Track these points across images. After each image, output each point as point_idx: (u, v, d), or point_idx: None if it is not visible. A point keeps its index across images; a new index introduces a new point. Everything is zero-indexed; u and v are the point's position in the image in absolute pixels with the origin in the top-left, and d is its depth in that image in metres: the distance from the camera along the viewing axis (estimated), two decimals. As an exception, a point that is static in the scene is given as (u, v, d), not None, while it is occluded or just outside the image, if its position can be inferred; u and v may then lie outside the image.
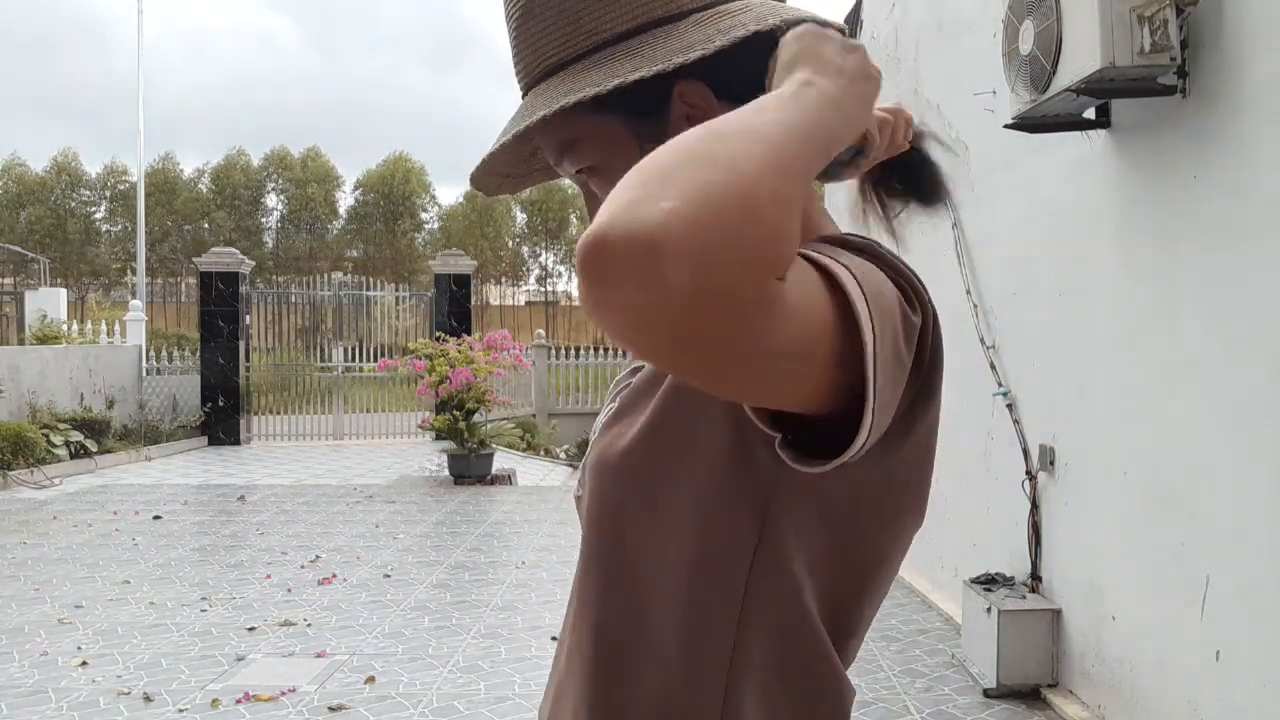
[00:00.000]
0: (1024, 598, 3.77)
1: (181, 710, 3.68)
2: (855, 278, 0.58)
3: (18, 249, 27.31)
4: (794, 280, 0.53)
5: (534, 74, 0.76)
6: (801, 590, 0.71)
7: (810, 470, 0.60)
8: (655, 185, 0.48)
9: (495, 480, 9.79)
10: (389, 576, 5.79)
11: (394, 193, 36.60)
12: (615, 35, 0.72)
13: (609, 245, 0.47)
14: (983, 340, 4.32)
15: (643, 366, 0.82)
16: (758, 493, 0.70)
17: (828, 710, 0.74)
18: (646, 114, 0.73)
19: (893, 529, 0.75)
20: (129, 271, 30.40)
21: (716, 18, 0.71)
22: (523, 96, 0.78)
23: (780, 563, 0.71)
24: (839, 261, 0.59)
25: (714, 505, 0.71)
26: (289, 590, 5.44)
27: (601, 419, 0.82)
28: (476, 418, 10.02)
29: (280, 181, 37.03)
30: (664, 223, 0.47)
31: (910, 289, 0.65)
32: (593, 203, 0.81)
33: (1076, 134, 3.37)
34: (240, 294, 13.33)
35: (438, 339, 10.70)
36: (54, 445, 9.99)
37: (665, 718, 0.72)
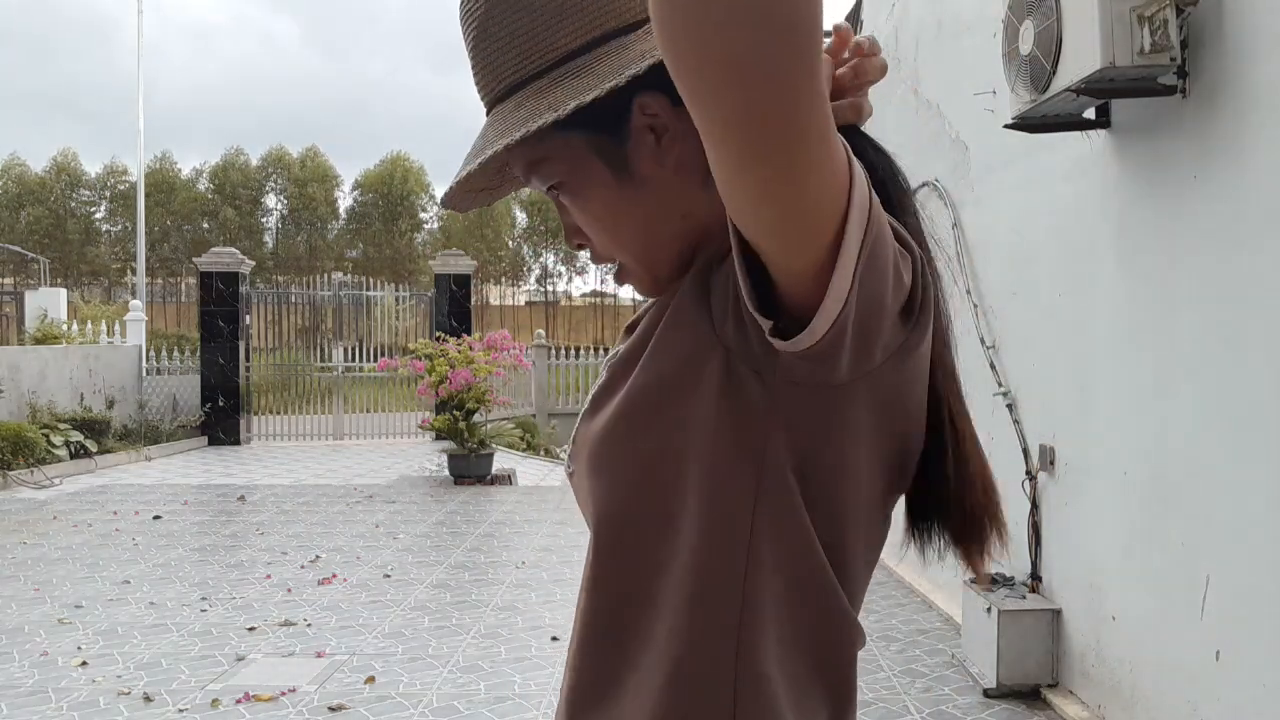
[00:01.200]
0: (1024, 598, 3.77)
1: (181, 710, 3.68)
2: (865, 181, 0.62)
3: (18, 249, 27.31)
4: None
5: (495, 93, 0.77)
6: (808, 530, 0.72)
7: (788, 347, 0.63)
8: None
9: (495, 480, 9.79)
10: (389, 576, 5.79)
11: (393, 193, 36.60)
12: (569, 52, 0.73)
13: None
14: (983, 340, 4.32)
15: (632, 332, 0.82)
16: (753, 432, 0.71)
17: (839, 655, 0.76)
18: (606, 129, 0.75)
19: (877, 464, 0.75)
20: (129, 271, 30.40)
21: None
22: (486, 113, 0.79)
23: (785, 504, 0.72)
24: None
25: (710, 453, 0.71)
26: (289, 590, 5.44)
27: (592, 392, 0.83)
28: (476, 418, 10.02)
29: (279, 181, 37.03)
30: None
31: (901, 230, 0.69)
32: (565, 215, 0.83)
33: (1076, 134, 3.37)
34: (240, 294, 13.33)
35: (438, 339, 10.70)
36: (54, 445, 9.99)
37: (678, 672, 0.73)
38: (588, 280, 42.31)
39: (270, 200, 37.34)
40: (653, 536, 0.74)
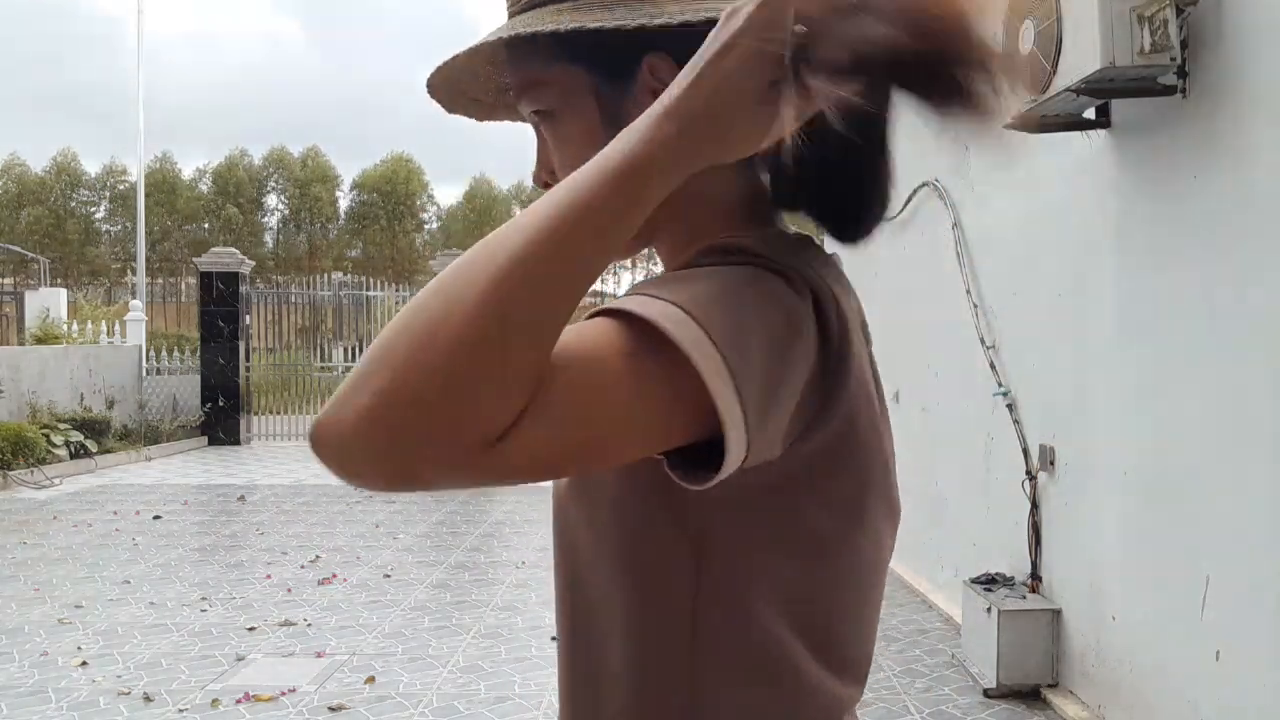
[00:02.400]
0: (1024, 598, 3.77)
1: (181, 710, 3.68)
2: (681, 308, 0.57)
3: (18, 249, 27.29)
4: (560, 398, 0.55)
5: (518, 5, 0.75)
6: (761, 609, 0.69)
7: (697, 488, 0.59)
8: (365, 373, 0.54)
9: (495, 480, 9.78)
10: (389, 576, 5.79)
11: (394, 193, 36.61)
12: None
13: (317, 438, 0.54)
14: (983, 340, 4.32)
15: None
16: (688, 511, 0.68)
17: None
18: (613, 75, 0.72)
19: (851, 514, 0.70)
20: (129, 271, 30.38)
21: None
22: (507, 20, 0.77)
23: (730, 584, 0.68)
24: (664, 299, 0.58)
25: (647, 525, 0.70)
26: (289, 590, 5.44)
27: None
28: (476, 418, 10.01)
29: (280, 181, 37.04)
30: (350, 428, 0.52)
31: (793, 275, 0.63)
32: (542, 149, 0.79)
33: (1076, 134, 3.37)
34: (240, 294, 13.33)
35: (438, 339, 10.70)
36: (54, 445, 9.98)
37: None
38: (588, 280, 42.21)
39: (271, 200, 37.37)
40: (600, 593, 0.73)
